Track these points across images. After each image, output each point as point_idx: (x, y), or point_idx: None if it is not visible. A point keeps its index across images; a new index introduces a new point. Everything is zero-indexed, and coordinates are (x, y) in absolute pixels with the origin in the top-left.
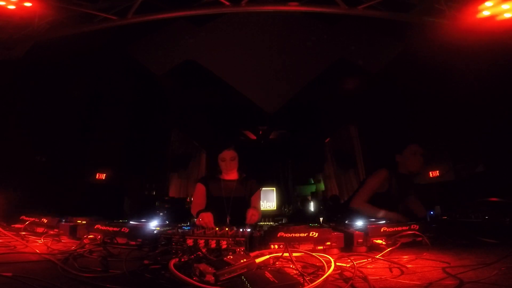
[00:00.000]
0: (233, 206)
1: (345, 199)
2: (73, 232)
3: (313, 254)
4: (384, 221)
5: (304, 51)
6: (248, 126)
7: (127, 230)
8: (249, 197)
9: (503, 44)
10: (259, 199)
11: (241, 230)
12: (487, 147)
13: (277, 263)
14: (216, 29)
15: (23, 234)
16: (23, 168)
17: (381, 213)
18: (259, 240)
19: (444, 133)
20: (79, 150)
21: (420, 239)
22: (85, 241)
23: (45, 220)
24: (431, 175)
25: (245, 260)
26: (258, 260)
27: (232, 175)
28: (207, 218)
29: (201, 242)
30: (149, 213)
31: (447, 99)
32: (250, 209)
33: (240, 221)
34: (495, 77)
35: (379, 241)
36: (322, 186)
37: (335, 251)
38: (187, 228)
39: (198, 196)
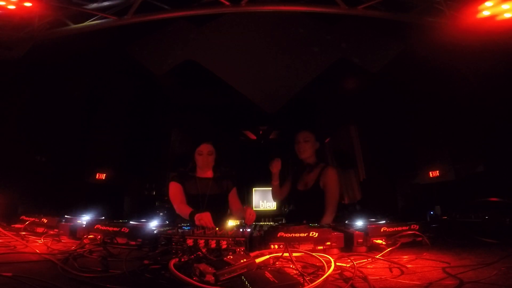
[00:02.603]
0: (208, 203)
1: (345, 199)
2: (73, 232)
3: (313, 254)
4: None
5: (304, 51)
6: (248, 126)
7: (127, 230)
8: (225, 195)
9: (503, 44)
10: (237, 197)
11: (241, 230)
12: (487, 147)
13: (277, 263)
14: (216, 29)
15: (23, 234)
16: (23, 168)
17: None
18: (259, 240)
19: (444, 133)
20: (79, 150)
21: (420, 239)
22: (85, 241)
23: (45, 220)
24: (431, 175)
25: (245, 260)
26: (258, 260)
27: (207, 173)
28: (206, 218)
29: (201, 242)
30: (149, 213)
31: (447, 99)
32: (248, 209)
33: (215, 219)
34: (495, 77)
35: (379, 241)
36: None
37: (335, 251)
38: (187, 228)
39: (177, 193)
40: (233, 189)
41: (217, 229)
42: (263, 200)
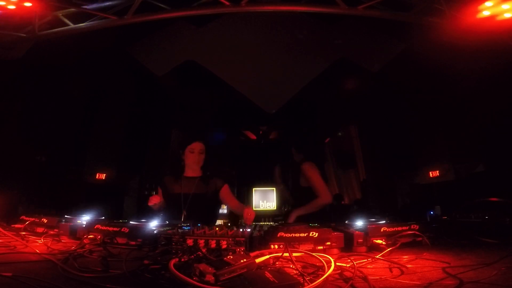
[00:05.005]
0: (191, 202)
1: (345, 199)
2: (73, 232)
3: (313, 254)
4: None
5: (304, 51)
6: (248, 126)
7: (127, 230)
8: (213, 195)
9: (503, 44)
10: (230, 194)
11: (241, 230)
12: (487, 147)
13: (277, 263)
14: (216, 29)
15: (23, 234)
16: (23, 168)
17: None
18: (259, 240)
19: (444, 133)
20: (79, 150)
21: (420, 239)
22: (85, 241)
23: (45, 220)
24: (431, 175)
25: (245, 260)
26: (258, 260)
27: (196, 172)
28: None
29: (201, 242)
30: (149, 213)
31: (447, 99)
32: (246, 208)
33: (197, 218)
34: (495, 77)
35: (379, 241)
36: None
37: (335, 251)
38: (187, 228)
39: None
40: (224, 186)
41: (217, 229)
42: (263, 200)
